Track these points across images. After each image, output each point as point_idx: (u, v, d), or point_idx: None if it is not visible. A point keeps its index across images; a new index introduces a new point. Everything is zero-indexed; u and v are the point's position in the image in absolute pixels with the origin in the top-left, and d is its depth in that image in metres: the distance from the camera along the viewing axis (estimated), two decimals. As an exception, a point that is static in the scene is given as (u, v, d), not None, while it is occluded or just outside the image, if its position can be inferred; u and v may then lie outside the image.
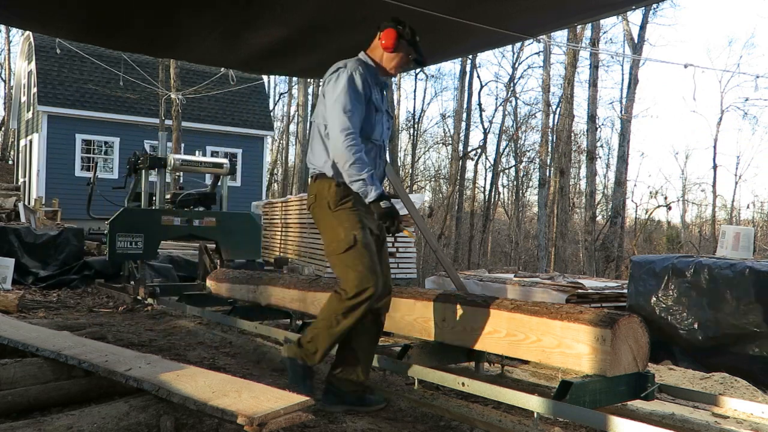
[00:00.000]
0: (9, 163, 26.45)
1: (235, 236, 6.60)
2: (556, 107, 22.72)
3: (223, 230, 6.55)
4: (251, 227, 6.81)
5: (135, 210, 6.53)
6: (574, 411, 2.69)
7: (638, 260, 6.28)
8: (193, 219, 6.42)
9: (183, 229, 6.41)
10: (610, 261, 17.78)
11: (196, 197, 6.94)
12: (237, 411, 2.30)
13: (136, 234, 6.04)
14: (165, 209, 6.55)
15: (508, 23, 4.42)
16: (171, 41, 5.35)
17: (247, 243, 6.70)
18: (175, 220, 6.33)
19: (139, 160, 6.67)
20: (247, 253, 6.69)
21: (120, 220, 6.07)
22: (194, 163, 6.90)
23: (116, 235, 5.94)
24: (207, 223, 6.46)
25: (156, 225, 6.21)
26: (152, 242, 6.21)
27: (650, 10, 19.81)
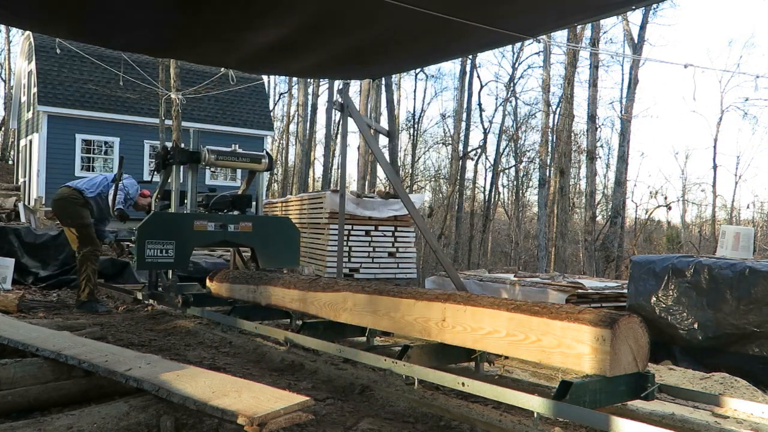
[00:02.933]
0: (9, 163, 26.46)
1: (273, 243, 6.01)
2: (556, 107, 22.74)
3: (259, 236, 5.92)
4: (290, 233, 6.17)
5: (165, 214, 5.83)
6: (574, 411, 2.69)
7: (638, 260, 6.28)
8: (228, 224, 5.77)
9: (217, 235, 5.74)
10: (610, 261, 17.79)
11: (230, 199, 6.27)
12: (237, 411, 2.30)
13: (166, 241, 5.42)
14: (198, 213, 5.89)
15: (508, 23, 4.43)
16: (171, 41, 5.36)
17: (286, 250, 6.10)
18: (209, 225, 5.67)
19: (169, 153, 5.88)
20: (286, 261, 6.17)
21: (149, 226, 5.42)
22: (231, 157, 6.07)
23: (145, 242, 5.32)
24: (243, 229, 5.83)
25: (188, 231, 5.56)
26: (184, 250, 5.55)
27: (650, 10, 19.83)
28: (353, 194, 9.68)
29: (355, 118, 7.17)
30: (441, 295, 3.62)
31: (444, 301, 3.52)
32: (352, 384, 3.57)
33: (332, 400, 3.30)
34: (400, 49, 5.24)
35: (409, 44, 5.06)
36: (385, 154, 4.95)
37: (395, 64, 6.54)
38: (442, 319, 3.49)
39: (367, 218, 9.49)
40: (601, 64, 19.79)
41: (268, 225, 6.14)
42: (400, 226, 9.93)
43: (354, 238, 9.33)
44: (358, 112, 7.44)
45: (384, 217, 9.73)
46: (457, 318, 3.40)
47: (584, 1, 4.16)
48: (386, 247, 9.79)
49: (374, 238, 9.60)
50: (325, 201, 9.28)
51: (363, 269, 9.45)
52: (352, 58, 5.57)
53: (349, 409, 3.18)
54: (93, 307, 6.25)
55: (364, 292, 4.04)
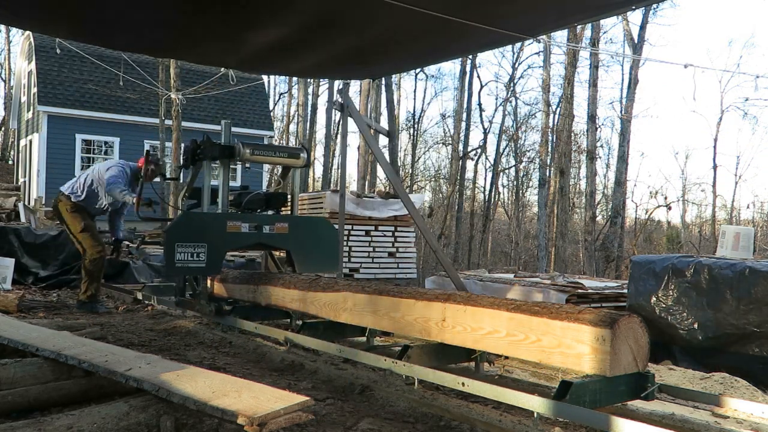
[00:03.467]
0: (9, 163, 26.46)
1: (310, 245, 5.53)
2: (556, 107, 22.74)
3: (296, 238, 5.44)
4: (328, 234, 5.69)
5: (196, 215, 5.34)
6: (574, 411, 2.69)
7: (638, 260, 6.28)
8: (263, 225, 5.29)
9: (251, 237, 5.25)
10: (610, 261, 17.79)
11: (263, 197, 5.78)
12: (237, 411, 2.30)
13: (198, 244, 4.96)
14: (231, 213, 5.42)
15: (508, 23, 4.43)
16: (171, 41, 5.36)
17: (324, 253, 5.63)
18: (243, 226, 5.18)
19: (199, 148, 5.39)
20: (324, 265, 5.69)
21: (180, 228, 4.98)
22: (267, 152, 5.61)
23: (175, 245, 4.85)
24: (278, 230, 5.37)
25: (221, 233, 5.08)
26: (216, 253, 5.11)
27: (650, 10, 19.82)
28: (353, 194, 9.69)
29: (355, 118, 7.17)
30: (441, 295, 3.61)
31: (444, 301, 3.52)
32: (352, 384, 3.57)
33: (332, 400, 3.30)
34: (400, 49, 5.24)
35: (409, 44, 5.06)
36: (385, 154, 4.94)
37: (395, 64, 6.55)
38: (442, 319, 3.49)
39: (367, 218, 9.49)
40: (601, 64, 19.81)
41: (305, 226, 5.65)
42: (400, 226, 9.93)
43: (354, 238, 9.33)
44: (358, 112, 7.44)
45: (384, 217, 9.74)
46: (457, 318, 3.40)
47: (584, 1, 4.16)
48: (386, 247, 9.80)
49: (374, 238, 9.61)
50: (325, 201, 9.28)
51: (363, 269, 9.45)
52: (352, 58, 5.57)
53: (349, 409, 3.18)
54: (93, 308, 6.21)
55: (364, 292, 4.04)
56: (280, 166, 5.93)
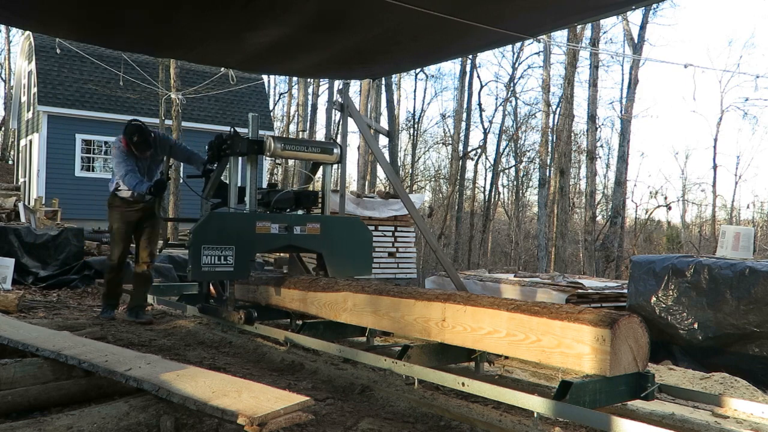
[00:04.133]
0: (9, 163, 26.46)
1: (344, 248, 5.21)
2: (556, 107, 22.73)
3: (328, 240, 5.11)
4: (362, 235, 5.36)
5: (224, 215, 4.96)
6: (574, 411, 2.69)
7: (638, 260, 6.28)
8: (293, 225, 4.96)
9: (281, 239, 4.93)
10: (610, 261, 17.79)
11: (293, 195, 5.37)
12: (237, 411, 2.30)
13: (225, 246, 4.63)
14: (259, 213, 5.07)
15: (508, 23, 4.43)
16: (171, 41, 5.36)
17: (358, 256, 5.30)
18: (273, 227, 4.86)
19: (225, 142, 5.03)
20: (358, 268, 5.30)
21: (206, 229, 4.61)
22: (298, 147, 5.21)
23: (202, 247, 4.52)
24: (310, 231, 5.03)
25: (249, 234, 4.76)
26: (245, 256, 4.76)
27: (650, 10, 19.82)
28: (353, 194, 9.69)
29: (355, 118, 7.17)
30: (441, 295, 3.62)
31: (444, 301, 3.52)
32: (352, 384, 3.57)
33: (332, 400, 3.30)
34: (400, 49, 5.24)
35: (409, 44, 5.06)
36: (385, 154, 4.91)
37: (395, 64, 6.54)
38: (442, 319, 3.49)
39: (367, 218, 9.49)
40: (601, 64, 19.81)
41: (338, 226, 5.30)
42: (400, 226, 9.93)
43: (354, 238, 9.31)
44: (358, 112, 7.44)
45: (384, 217, 9.74)
46: (457, 318, 3.40)
47: (584, 1, 4.16)
48: (386, 247, 9.80)
49: (374, 238, 9.60)
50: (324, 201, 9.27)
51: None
52: (352, 58, 5.57)
53: (349, 409, 3.18)
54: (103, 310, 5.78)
55: (364, 292, 4.04)
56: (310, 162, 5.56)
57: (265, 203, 5.27)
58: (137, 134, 5.26)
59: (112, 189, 5.57)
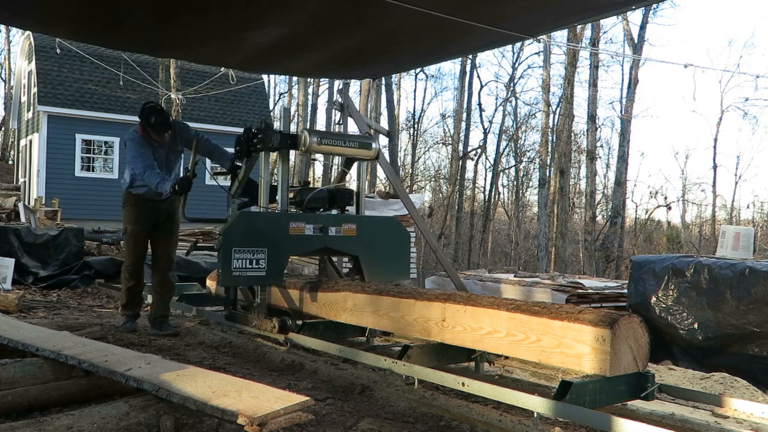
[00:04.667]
0: (9, 163, 26.46)
1: (381, 250, 4.83)
2: (556, 107, 22.73)
3: (365, 242, 4.74)
4: (399, 237, 4.96)
5: (256, 215, 4.60)
6: (574, 411, 2.69)
7: (638, 260, 6.28)
8: (328, 226, 4.60)
9: (316, 241, 4.56)
10: (610, 261, 17.79)
11: (326, 194, 4.95)
12: (237, 411, 2.30)
13: (257, 249, 4.31)
14: (292, 213, 4.73)
15: (508, 23, 4.43)
16: (171, 41, 5.35)
17: (395, 259, 4.91)
18: (307, 228, 4.51)
19: (256, 137, 4.62)
20: (396, 272, 4.91)
21: (238, 230, 4.28)
22: (337, 141, 4.76)
23: (232, 250, 4.20)
24: (346, 232, 4.67)
25: (283, 236, 4.41)
26: (278, 260, 4.42)
27: (650, 10, 19.82)
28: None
29: (355, 118, 7.17)
30: (441, 295, 3.62)
31: (444, 301, 3.52)
32: (352, 384, 3.57)
33: (332, 400, 3.30)
34: (400, 49, 5.24)
35: (409, 44, 5.06)
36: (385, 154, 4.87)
37: (395, 64, 6.54)
38: (442, 319, 3.49)
39: (367, 218, 9.47)
40: (601, 64, 19.82)
41: (375, 227, 4.91)
42: (400, 226, 9.91)
43: (354, 238, 9.30)
44: (358, 112, 7.44)
45: (384, 217, 9.72)
46: (457, 318, 3.40)
47: (584, 1, 4.16)
48: (386, 247, 9.77)
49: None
50: (325, 201, 9.25)
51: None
52: (352, 57, 5.57)
53: (349, 409, 3.18)
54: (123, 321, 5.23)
55: (364, 292, 4.04)
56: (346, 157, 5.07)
57: (298, 202, 4.86)
58: (155, 115, 4.85)
59: (126, 186, 5.06)
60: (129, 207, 5.06)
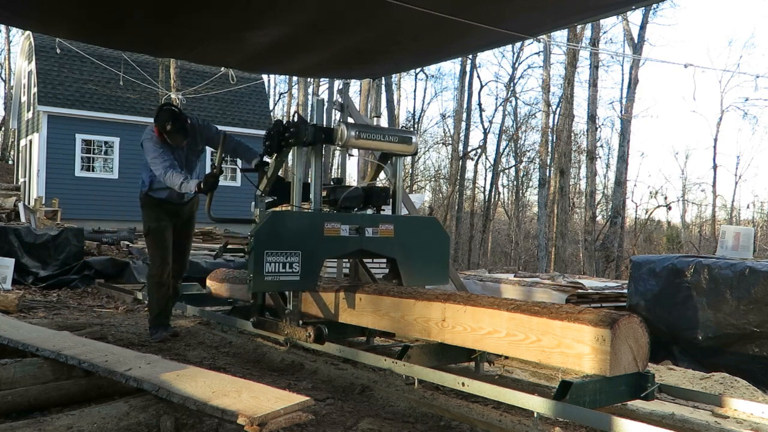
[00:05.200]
0: (9, 163, 26.46)
1: (419, 252, 4.51)
2: (556, 107, 22.74)
3: (403, 243, 4.43)
4: (438, 238, 4.64)
5: (289, 215, 4.24)
6: (574, 411, 2.69)
7: (638, 260, 6.28)
8: (365, 227, 4.29)
9: (352, 243, 4.25)
10: (610, 261, 17.80)
11: (362, 193, 4.62)
12: (237, 411, 2.30)
13: (291, 252, 3.98)
14: (327, 213, 4.40)
15: (508, 23, 4.43)
16: (171, 41, 5.35)
17: (435, 262, 4.61)
18: (342, 228, 4.19)
19: (288, 131, 4.24)
20: (434, 276, 4.66)
21: (269, 230, 3.94)
22: (376, 135, 4.40)
23: (264, 253, 3.88)
24: (383, 233, 4.35)
25: (317, 237, 4.10)
26: (312, 263, 4.10)
27: (650, 10, 19.82)
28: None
29: (355, 118, 7.17)
30: (441, 295, 3.62)
31: (444, 301, 3.53)
32: (352, 384, 3.57)
33: (332, 400, 3.30)
34: (400, 49, 5.23)
35: (409, 44, 5.06)
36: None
37: (395, 64, 6.54)
38: (442, 319, 3.49)
39: (367, 218, 9.44)
40: (601, 64, 19.82)
41: (413, 227, 4.59)
42: (400, 226, 9.89)
43: (354, 238, 9.27)
44: (358, 112, 7.44)
45: (384, 217, 9.69)
46: (457, 318, 3.41)
47: (584, 1, 4.16)
48: (386, 247, 9.75)
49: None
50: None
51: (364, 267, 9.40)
52: (352, 57, 5.56)
53: (349, 409, 3.18)
54: (153, 332, 4.89)
55: (364, 292, 4.04)
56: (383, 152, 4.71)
57: (331, 201, 4.52)
58: (171, 121, 4.55)
59: (145, 189, 4.82)
60: (148, 210, 4.85)
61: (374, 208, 4.66)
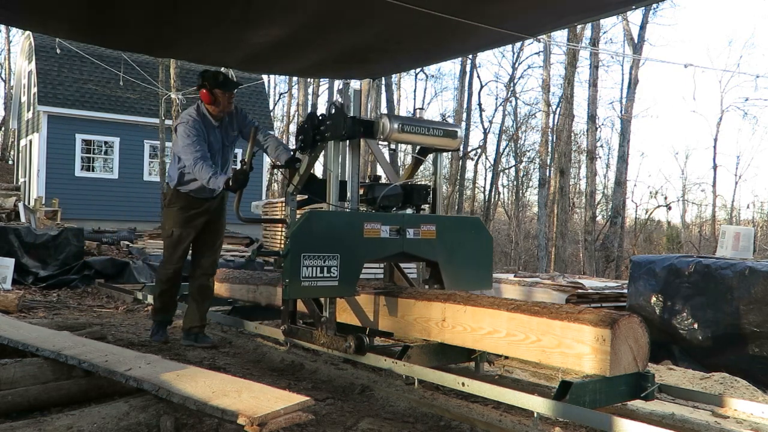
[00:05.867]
0: (9, 163, 26.46)
1: (462, 255, 4.20)
2: (556, 107, 22.74)
3: (445, 246, 4.11)
4: (482, 240, 4.38)
5: (326, 215, 3.92)
6: (574, 411, 2.69)
7: (638, 260, 6.28)
8: (406, 227, 3.95)
9: (393, 245, 3.90)
10: (610, 261, 17.80)
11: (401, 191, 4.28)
12: (237, 411, 2.30)
13: (329, 255, 3.66)
14: (366, 212, 4.10)
15: (508, 23, 4.42)
16: (171, 41, 5.35)
17: (479, 266, 4.33)
18: (383, 229, 3.86)
19: (324, 124, 3.93)
20: (478, 281, 4.34)
21: (306, 231, 3.62)
22: (420, 128, 4.07)
23: (302, 256, 3.56)
24: (425, 234, 4.03)
25: (357, 238, 3.77)
26: (351, 267, 3.76)
27: (650, 10, 19.82)
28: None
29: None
30: (441, 295, 3.62)
31: (444, 301, 3.53)
32: (352, 384, 3.57)
33: (332, 400, 3.30)
34: (400, 49, 5.24)
35: (409, 44, 5.06)
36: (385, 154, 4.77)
37: (395, 64, 6.54)
38: (442, 319, 3.49)
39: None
40: (601, 64, 19.82)
41: (455, 228, 4.26)
42: (400, 226, 9.88)
43: (354, 238, 9.27)
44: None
45: (384, 217, 9.68)
46: (457, 318, 3.41)
47: (584, 1, 4.16)
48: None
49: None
50: (325, 201, 9.22)
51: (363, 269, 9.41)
52: (352, 57, 5.56)
53: (349, 409, 3.19)
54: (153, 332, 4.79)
55: (364, 292, 4.04)
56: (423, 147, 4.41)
57: (370, 201, 4.20)
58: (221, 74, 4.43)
59: (174, 184, 4.53)
60: (176, 208, 4.55)
61: (414, 207, 4.35)
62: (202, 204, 4.56)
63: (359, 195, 4.10)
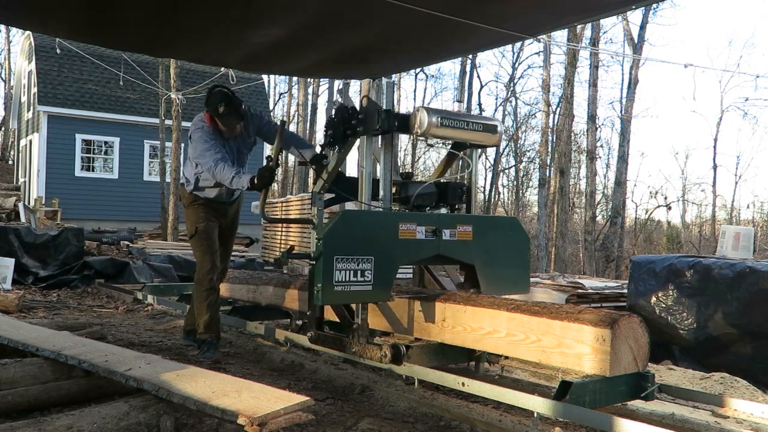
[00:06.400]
0: (9, 163, 26.46)
1: (500, 257, 3.98)
2: (556, 107, 22.75)
3: (482, 247, 3.88)
4: (519, 242, 4.12)
5: (359, 215, 3.71)
6: (574, 411, 2.69)
7: (638, 260, 6.28)
8: (442, 228, 3.70)
9: (429, 247, 3.67)
10: (610, 261, 17.80)
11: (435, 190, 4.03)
12: (237, 411, 2.30)
13: (363, 258, 3.41)
14: (401, 212, 3.88)
15: (508, 23, 4.42)
16: (171, 41, 5.35)
17: (516, 269, 4.11)
18: (419, 230, 3.62)
19: (355, 117, 3.73)
20: (516, 284, 4.14)
21: (339, 232, 3.39)
22: (459, 123, 3.78)
23: (335, 259, 3.32)
24: (461, 236, 3.78)
25: (391, 240, 3.53)
26: (386, 270, 3.52)
27: (650, 10, 19.83)
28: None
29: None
30: (441, 295, 3.62)
31: (444, 301, 3.53)
32: (352, 384, 3.57)
33: (332, 400, 3.30)
34: (400, 49, 5.23)
35: (409, 44, 5.06)
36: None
37: (395, 64, 6.53)
38: (442, 319, 3.49)
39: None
40: (601, 64, 19.83)
41: (492, 229, 4.02)
42: (400, 226, 9.88)
43: (354, 238, 9.26)
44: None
45: (384, 217, 9.67)
46: (457, 318, 3.41)
47: (584, 1, 4.16)
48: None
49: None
50: (325, 201, 9.22)
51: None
52: (352, 57, 5.56)
53: (349, 409, 3.19)
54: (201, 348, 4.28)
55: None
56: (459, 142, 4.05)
57: (403, 200, 3.95)
58: (224, 103, 4.13)
59: (191, 188, 4.38)
60: (196, 206, 4.38)
61: (448, 207, 4.11)
62: (221, 208, 4.46)
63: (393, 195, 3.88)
